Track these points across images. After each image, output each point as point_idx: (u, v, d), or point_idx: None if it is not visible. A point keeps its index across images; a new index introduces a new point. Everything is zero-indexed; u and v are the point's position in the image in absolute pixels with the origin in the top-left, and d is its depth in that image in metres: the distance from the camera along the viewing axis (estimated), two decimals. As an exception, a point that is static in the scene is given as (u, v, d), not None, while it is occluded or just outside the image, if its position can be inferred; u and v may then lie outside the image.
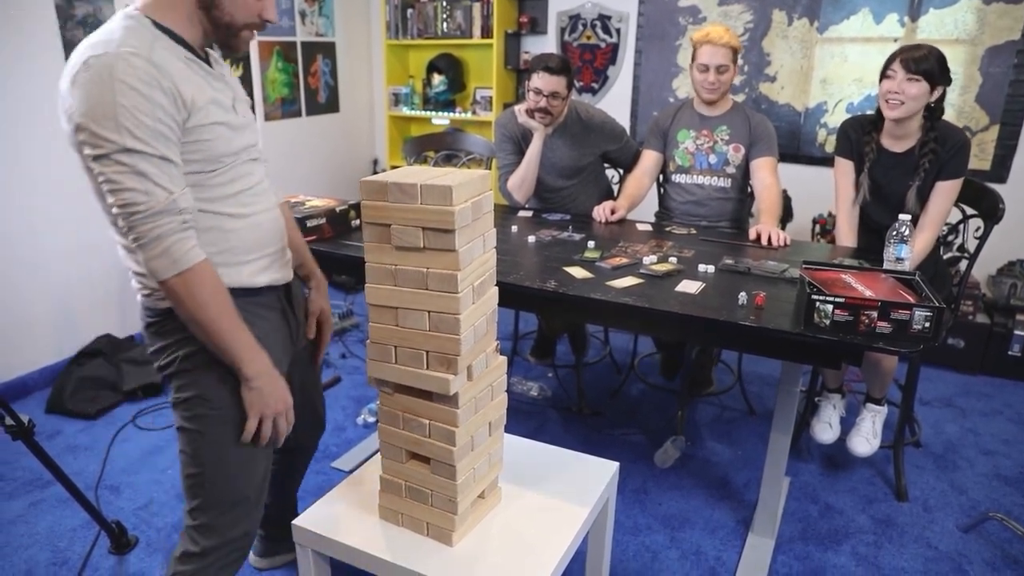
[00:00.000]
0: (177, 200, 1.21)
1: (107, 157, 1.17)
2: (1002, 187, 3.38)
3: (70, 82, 1.19)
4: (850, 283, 1.79)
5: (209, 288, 1.26)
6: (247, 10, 1.31)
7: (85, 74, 1.17)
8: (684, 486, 2.47)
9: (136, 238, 1.21)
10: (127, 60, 1.17)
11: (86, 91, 1.16)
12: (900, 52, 2.20)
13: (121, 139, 1.16)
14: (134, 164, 1.17)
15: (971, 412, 3.02)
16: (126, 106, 1.16)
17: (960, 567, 2.09)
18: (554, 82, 2.66)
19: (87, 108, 1.16)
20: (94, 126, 1.16)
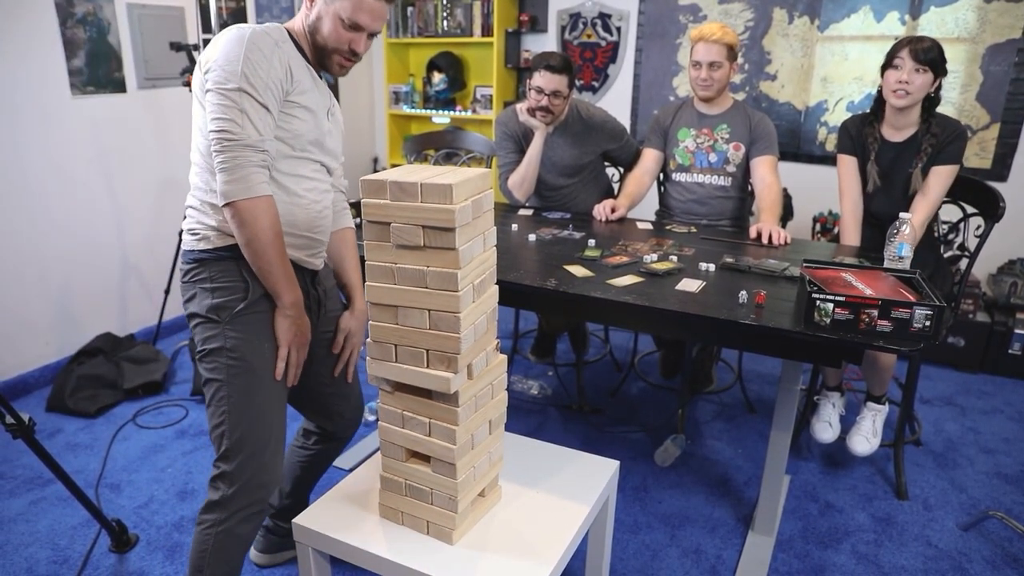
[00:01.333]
0: (264, 141, 1.43)
1: (222, 91, 1.40)
2: (1003, 185, 3.38)
3: (214, 40, 1.46)
4: (851, 281, 1.79)
5: (269, 219, 1.44)
6: (338, 39, 1.55)
7: (228, 34, 1.44)
8: (684, 484, 2.47)
9: (222, 162, 1.40)
10: (259, 33, 1.45)
11: (224, 43, 1.42)
12: (906, 42, 2.23)
13: (238, 80, 1.39)
14: (240, 102, 1.40)
15: (971, 410, 3.02)
16: (250, 59, 1.41)
17: (960, 566, 2.09)
18: (556, 81, 2.66)
19: (221, 55, 1.41)
20: (221, 65, 1.40)
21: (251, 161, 1.41)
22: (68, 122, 3.04)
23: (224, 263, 1.51)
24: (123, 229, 3.37)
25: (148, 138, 3.41)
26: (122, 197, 3.34)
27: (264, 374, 1.53)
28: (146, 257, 3.51)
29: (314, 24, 1.55)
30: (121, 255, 3.39)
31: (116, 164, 3.28)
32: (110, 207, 3.29)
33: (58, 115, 3.00)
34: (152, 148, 3.44)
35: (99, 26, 3.10)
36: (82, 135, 3.10)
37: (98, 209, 3.24)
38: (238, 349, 1.50)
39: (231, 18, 3.72)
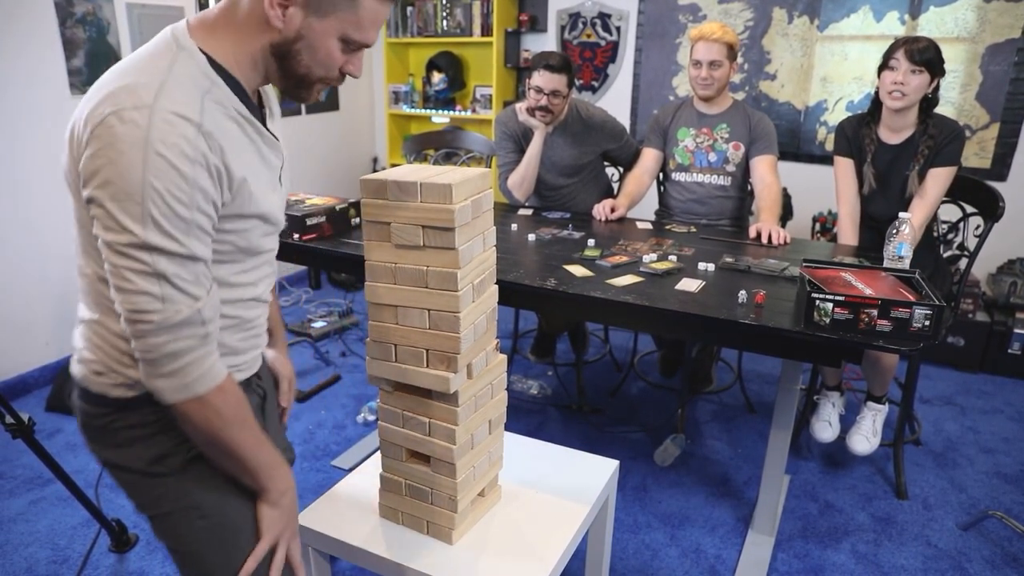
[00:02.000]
0: (202, 309, 0.98)
1: (122, 249, 0.92)
2: (1002, 185, 3.38)
3: (90, 132, 0.92)
4: (850, 281, 1.79)
5: (232, 407, 1.04)
6: (328, 64, 1.05)
7: (113, 130, 0.90)
8: (684, 484, 2.47)
9: (144, 351, 0.96)
10: (171, 125, 0.91)
11: (110, 155, 0.90)
12: (902, 43, 2.23)
13: (144, 232, 0.91)
14: (154, 263, 0.93)
15: (971, 410, 3.02)
16: (159, 190, 0.90)
17: (960, 565, 2.09)
18: (555, 80, 2.66)
19: (108, 178, 0.90)
20: (113, 206, 0.91)
21: (188, 347, 0.97)
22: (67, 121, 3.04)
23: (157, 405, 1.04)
24: (123, 229, 3.37)
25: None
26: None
27: (248, 531, 1.14)
28: (146, 257, 3.50)
29: (291, 44, 1.02)
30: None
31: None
32: (110, 207, 3.28)
33: (58, 115, 3.00)
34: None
35: (99, 26, 3.10)
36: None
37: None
38: (206, 505, 1.11)
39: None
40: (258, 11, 0.99)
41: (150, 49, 1.00)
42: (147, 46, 1.02)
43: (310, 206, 2.40)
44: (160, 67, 0.96)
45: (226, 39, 1.02)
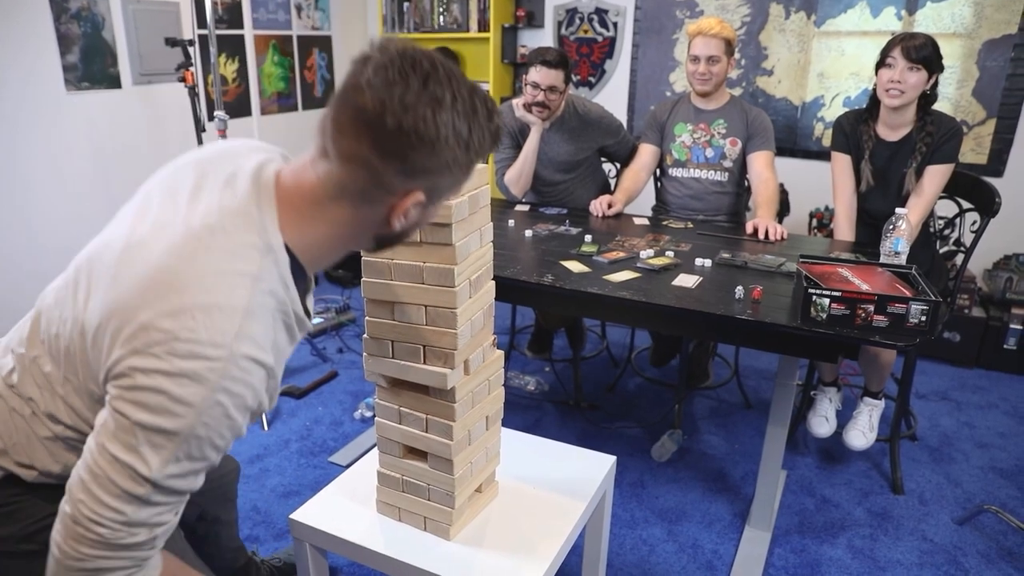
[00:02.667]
0: (159, 536, 0.90)
1: (123, 468, 0.83)
2: (998, 181, 3.38)
3: (146, 341, 0.82)
4: (847, 277, 1.79)
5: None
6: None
7: (178, 362, 0.81)
8: (681, 479, 2.47)
9: (67, 554, 0.85)
10: (244, 373, 0.85)
11: (164, 385, 0.82)
12: (899, 40, 2.21)
13: (162, 470, 0.83)
14: (145, 494, 0.84)
15: (967, 405, 3.03)
16: (201, 436, 0.84)
17: (955, 559, 2.10)
18: (552, 76, 2.65)
19: (151, 405, 0.82)
20: (142, 432, 0.82)
21: (119, 566, 0.87)
22: (63, 118, 3.03)
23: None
24: (119, 225, 3.36)
25: (143, 134, 3.40)
26: (118, 193, 3.33)
27: None
28: (142, 253, 3.49)
29: (409, 230, 0.98)
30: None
31: (111, 160, 3.27)
32: (106, 203, 3.27)
33: (53, 111, 2.99)
34: (147, 144, 3.43)
35: (94, 21, 3.09)
36: (77, 131, 3.09)
37: (94, 205, 3.23)
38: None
39: (226, 13, 3.71)
40: (371, 218, 0.91)
41: (234, 233, 0.88)
42: (229, 219, 0.89)
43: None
44: (244, 282, 0.86)
45: (319, 235, 0.93)
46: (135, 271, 0.87)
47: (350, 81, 0.84)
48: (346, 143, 0.85)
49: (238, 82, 3.87)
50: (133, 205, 1.00)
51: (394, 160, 0.85)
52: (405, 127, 0.82)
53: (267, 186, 0.91)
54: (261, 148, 1.01)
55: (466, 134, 0.87)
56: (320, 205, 0.90)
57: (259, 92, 4.03)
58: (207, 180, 0.94)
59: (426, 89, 0.84)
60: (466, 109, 0.88)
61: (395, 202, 0.89)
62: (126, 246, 0.91)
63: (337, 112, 0.85)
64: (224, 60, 3.75)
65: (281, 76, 4.16)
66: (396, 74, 0.82)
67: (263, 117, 4.09)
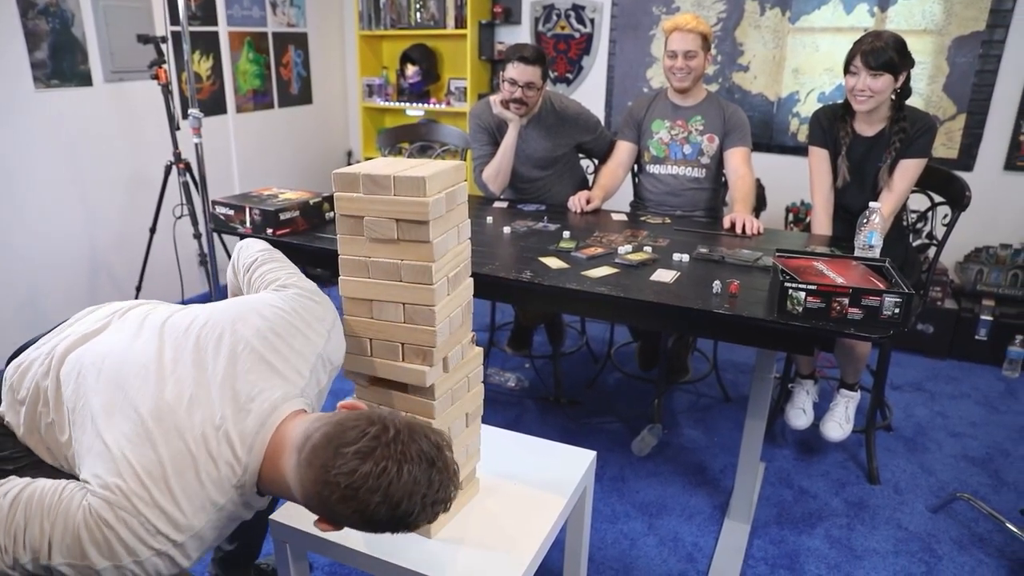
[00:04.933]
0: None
1: (149, 526, 0.96)
2: (969, 175, 3.44)
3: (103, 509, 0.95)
4: (822, 270, 1.81)
5: None
6: None
7: (120, 537, 0.95)
8: (661, 473, 2.49)
9: None
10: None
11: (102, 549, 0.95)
12: (859, 46, 2.23)
13: (182, 549, 0.99)
14: (164, 549, 0.98)
15: (940, 396, 3.08)
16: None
17: (929, 546, 2.14)
18: (529, 72, 2.65)
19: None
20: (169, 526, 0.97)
21: None
22: (32, 116, 2.97)
23: None
24: (92, 225, 3.31)
25: (116, 132, 3.35)
26: (91, 192, 3.27)
27: None
28: (116, 254, 3.45)
29: None
30: (90, 252, 3.33)
31: (84, 159, 3.21)
32: (78, 203, 3.22)
33: (22, 109, 2.93)
34: (121, 142, 3.38)
35: (62, 17, 3.03)
36: (48, 130, 3.04)
37: (66, 205, 3.17)
38: None
39: (199, 9, 3.66)
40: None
41: (219, 466, 1.02)
42: (224, 442, 1.02)
43: (283, 201, 2.38)
44: (206, 505, 1.01)
45: (279, 485, 1.05)
46: (139, 449, 1.00)
47: None
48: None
49: (212, 80, 3.83)
50: (150, 343, 1.12)
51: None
52: (342, 484, 0.93)
53: (265, 435, 1.04)
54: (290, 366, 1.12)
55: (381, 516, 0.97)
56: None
57: (234, 90, 3.98)
58: (236, 372, 1.07)
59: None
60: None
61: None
62: (156, 407, 1.03)
63: None
64: (198, 57, 3.70)
65: (256, 73, 4.11)
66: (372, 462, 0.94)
67: (238, 115, 4.04)
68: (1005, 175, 3.43)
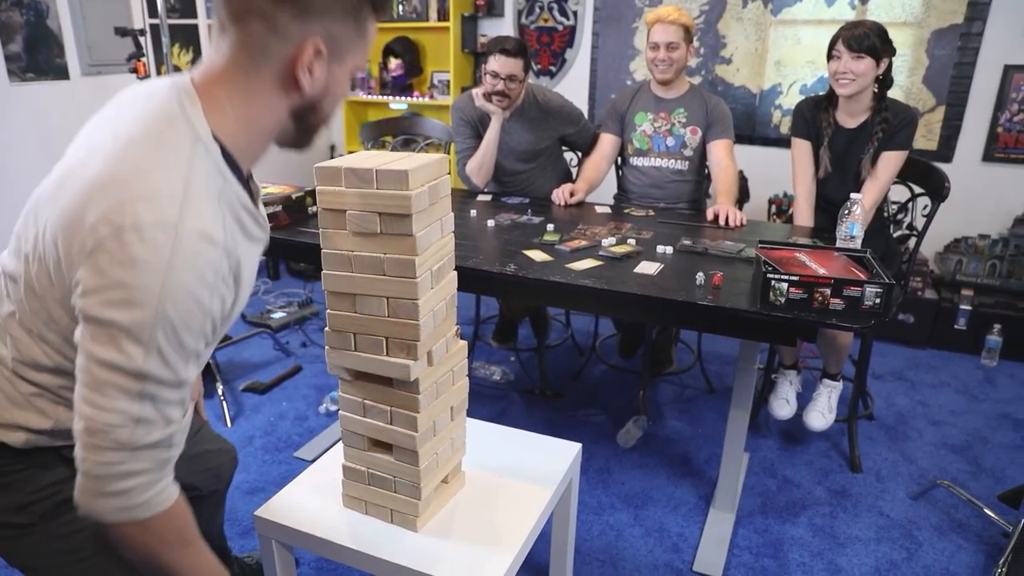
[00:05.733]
0: (175, 433, 0.92)
1: (113, 367, 0.84)
2: (948, 166, 3.47)
3: (97, 241, 0.83)
4: (804, 262, 1.83)
5: (175, 530, 0.96)
6: (340, 101, 1.05)
7: (130, 249, 0.82)
8: (646, 465, 2.51)
9: (93, 465, 0.87)
10: (197, 251, 0.85)
11: (124, 277, 0.82)
12: (842, 32, 2.27)
13: (145, 361, 0.84)
14: (142, 388, 0.86)
15: (920, 385, 3.12)
16: (172, 320, 0.84)
17: (910, 533, 2.17)
18: (511, 64, 2.65)
19: (116, 300, 0.82)
20: (116, 329, 0.83)
21: (144, 468, 0.89)
22: (7, 111, 2.93)
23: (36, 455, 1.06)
24: (70, 221, 3.27)
25: (94, 127, 3.30)
26: (68, 188, 3.23)
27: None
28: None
29: (318, 101, 0.99)
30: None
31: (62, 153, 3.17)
32: (55, 198, 3.18)
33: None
34: (98, 137, 3.33)
35: (37, 9, 2.98)
36: (24, 123, 2.99)
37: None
38: (85, 546, 1.08)
39: (178, 2, 3.62)
40: (279, 81, 0.93)
41: (161, 128, 0.89)
42: (153, 119, 0.90)
43: (266, 195, 2.36)
44: (179, 167, 0.87)
45: (239, 118, 0.94)
46: (76, 187, 0.88)
47: None
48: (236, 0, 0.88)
49: (192, 73, 3.78)
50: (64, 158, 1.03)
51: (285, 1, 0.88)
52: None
53: (184, 85, 0.92)
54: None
55: None
56: (231, 82, 0.92)
57: (214, 83, 3.94)
58: (126, 104, 0.97)
59: None
60: None
61: (295, 53, 0.91)
62: (65, 173, 0.94)
63: None
64: (178, 50, 3.66)
65: (237, 66, 4.07)
66: None
67: (219, 108, 4.00)
68: (983, 166, 3.47)
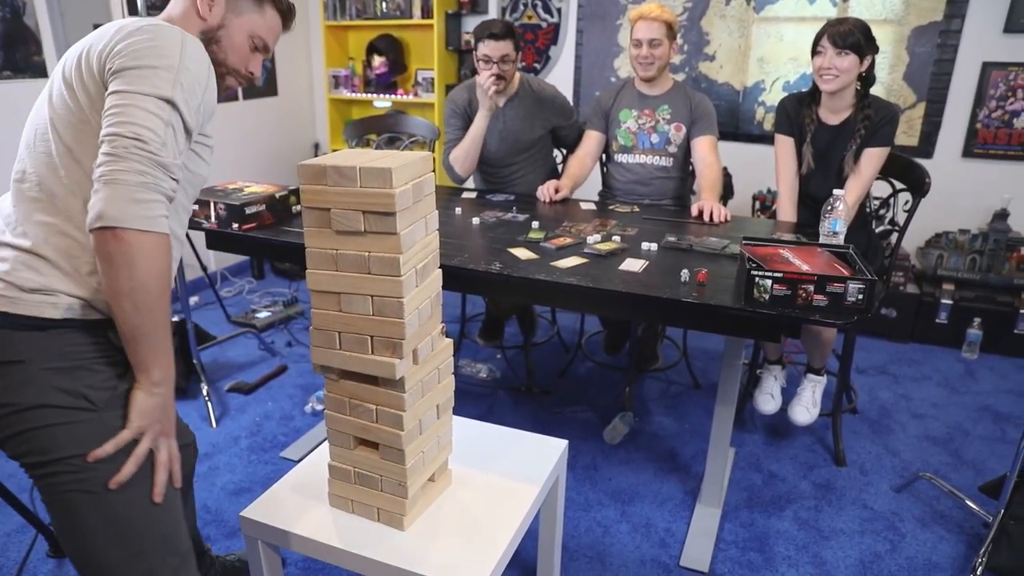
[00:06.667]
0: (176, 174, 1.12)
1: (143, 95, 1.08)
2: (928, 162, 3.51)
3: (127, 31, 1.14)
4: (788, 258, 1.84)
5: (163, 265, 1.10)
6: (238, 57, 1.35)
7: (158, 27, 1.15)
8: (633, 461, 2.51)
9: (121, 171, 1.03)
10: (196, 44, 1.19)
11: (154, 41, 1.13)
12: (827, 28, 2.28)
13: (172, 90, 1.10)
14: (167, 117, 1.10)
15: (903, 378, 3.15)
16: (190, 69, 1.14)
17: (893, 525, 2.19)
18: (501, 47, 2.67)
19: (148, 50, 1.11)
20: (148, 70, 1.10)
21: (160, 186, 1.08)
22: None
23: (86, 332, 1.19)
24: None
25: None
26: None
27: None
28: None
29: (215, 32, 1.31)
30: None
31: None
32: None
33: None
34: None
35: (12, 6, 2.94)
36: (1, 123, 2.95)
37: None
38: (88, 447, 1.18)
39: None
40: (192, 5, 1.29)
41: (159, 22, 1.20)
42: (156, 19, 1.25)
43: (249, 194, 2.34)
44: (173, 27, 1.19)
45: (180, 23, 1.27)
46: (88, 40, 1.20)
47: None
48: None
49: (173, 71, 3.74)
50: None
51: None
52: None
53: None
54: None
55: None
56: (172, 13, 1.32)
57: (196, 81, 3.90)
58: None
59: None
60: None
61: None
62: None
63: None
64: (158, 48, 3.62)
65: (219, 64, 4.03)
66: None
67: (201, 107, 3.96)
68: (963, 162, 3.51)
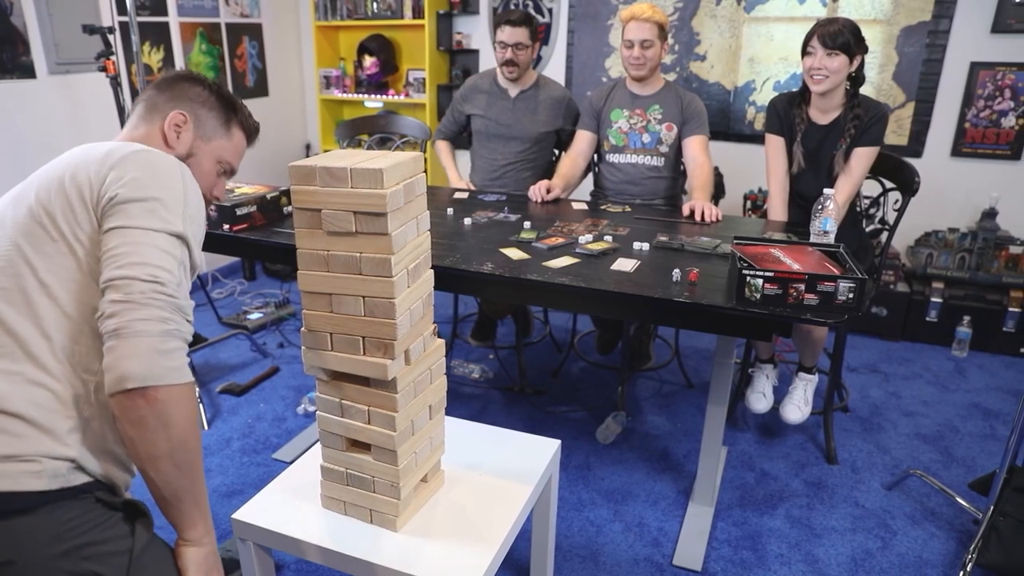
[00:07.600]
0: (191, 312, 1.08)
1: (155, 231, 1.05)
2: (918, 161, 3.53)
3: (119, 159, 1.13)
4: (779, 257, 1.85)
5: (195, 414, 1.06)
6: (206, 183, 1.35)
7: (152, 156, 1.15)
8: (626, 460, 2.52)
9: (146, 322, 0.98)
10: (192, 178, 1.19)
11: (154, 169, 1.12)
12: (816, 28, 2.29)
13: (182, 224, 1.09)
14: (177, 253, 1.07)
15: (894, 376, 3.17)
16: (192, 202, 1.14)
17: (884, 522, 2.20)
18: (517, 33, 2.85)
19: (151, 179, 1.10)
20: (155, 196, 1.08)
21: (181, 331, 1.04)
22: None
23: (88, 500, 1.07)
24: (39, 223, 3.20)
25: (63, 126, 3.24)
26: (37, 189, 3.16)
27: None
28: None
29: (183, 160, 1.27)
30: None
31: (29, 154, 3.10)
32: (24, 200, 3.11)
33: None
34: (68, 136, 3.27)
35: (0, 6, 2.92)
36: (-11, 124, 2.93)
37: (10, 202, 3.06)
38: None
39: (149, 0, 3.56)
40: (158, 133, 1.30)
41: (146, 148, 1.21)
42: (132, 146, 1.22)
43: (240, 195, 2.33)
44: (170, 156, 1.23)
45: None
46: (89, 159, 1.18)
47: None
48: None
49: (164, 72, 3.72)
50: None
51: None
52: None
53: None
54: None
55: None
56: (144, 140, 1.30)
57: (186, 81, 3.88)
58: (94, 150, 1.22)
59: None
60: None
61: (170, 118, 1.30)
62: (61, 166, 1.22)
63: None
64: (148, 49, 3.60)
65: (210, 65, 4.02)
66: None
67: (191, 107, 3.95)
68: (952, 161, 3.53)
